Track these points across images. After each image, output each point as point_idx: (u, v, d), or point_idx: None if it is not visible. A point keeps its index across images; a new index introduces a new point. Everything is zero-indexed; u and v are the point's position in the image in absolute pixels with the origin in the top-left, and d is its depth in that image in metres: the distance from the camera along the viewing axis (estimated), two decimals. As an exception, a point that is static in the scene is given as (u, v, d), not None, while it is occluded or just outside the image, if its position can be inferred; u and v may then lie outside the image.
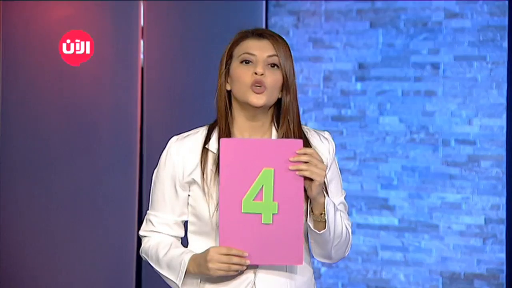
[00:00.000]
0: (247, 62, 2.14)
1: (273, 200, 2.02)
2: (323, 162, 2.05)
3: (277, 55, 2.14)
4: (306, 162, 2.02)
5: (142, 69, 4.27)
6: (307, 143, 2.18)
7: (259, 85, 2.11)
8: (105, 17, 4.24)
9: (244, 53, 2.15)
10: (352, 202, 4.55)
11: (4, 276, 4.20)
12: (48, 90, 4.20)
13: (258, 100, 2.12)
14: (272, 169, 2.02)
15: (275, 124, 2.19)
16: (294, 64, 2.18)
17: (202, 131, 2.21)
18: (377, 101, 4.55)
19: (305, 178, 2.03)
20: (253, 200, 2.02)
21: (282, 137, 2.16)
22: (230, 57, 2.18)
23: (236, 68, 2.15)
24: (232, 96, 2.18)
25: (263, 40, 2.16)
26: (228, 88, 2.18)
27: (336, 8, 4.61)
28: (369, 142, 4.56)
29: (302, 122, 2.22)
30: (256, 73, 2.11)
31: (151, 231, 2.23)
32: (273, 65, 2.14)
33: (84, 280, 4.23)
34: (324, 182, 2.08)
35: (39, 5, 4.20)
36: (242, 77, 2.13)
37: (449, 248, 4.41)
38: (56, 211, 4.20)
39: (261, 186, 2.01)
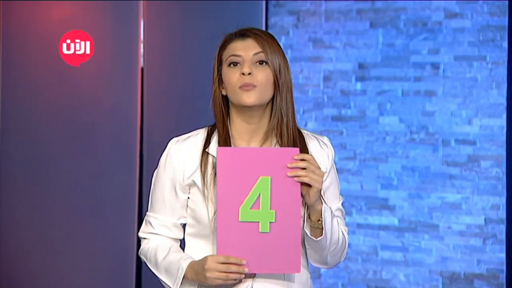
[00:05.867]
0: (234, 64, 2.14)
1: (270, 209, 2.02)
2: (320, 169, 2.05)
3: (262, 52, 2.13)
4: (304, 168, 2.02)
5: (142, 69, 4.27)
6: (304, 148, 2.17)
7: (247, 85, 2.11)
8: (105, 17, 4.24)
9: (230, 56, 2.14)
10: (352, 202, 4.55)
11: (4, 276, 4.20)
12: (48, 90, 4.19)
13: (248, 98, 2.12)
14: (269, 177, 2.01)
15: (275, 128, 2.18)
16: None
17: (202, 133, 2.21)
18: (377, 101, 4.55)
19: (303, 184, 2.03)
20: (250, 208, 2.01)
21: (279, 139, 2.16)
22: (220, 62, 2.18)
23: (226, 72, 2.16)
24: (229, 100, 2.19)
25: (247, 39, 2.15)
26: (224, 93, 2.18)
27: (336, 8, 4.61)
28: (369, 142, 4.56)
29: (302, 122, 2.22)
30: (243, 74, 2.11)
31: (150, 233, 2.23)
32: (261, 62, 2.14)
33: (84, 280, 4.24)
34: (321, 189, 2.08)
35: (39, 5, 4.20)
36: (231, 79, 2.14)
37: (449, 248, 4.42)
38: (56, 211, 4.20)
39: (258, 194, 2.01)
